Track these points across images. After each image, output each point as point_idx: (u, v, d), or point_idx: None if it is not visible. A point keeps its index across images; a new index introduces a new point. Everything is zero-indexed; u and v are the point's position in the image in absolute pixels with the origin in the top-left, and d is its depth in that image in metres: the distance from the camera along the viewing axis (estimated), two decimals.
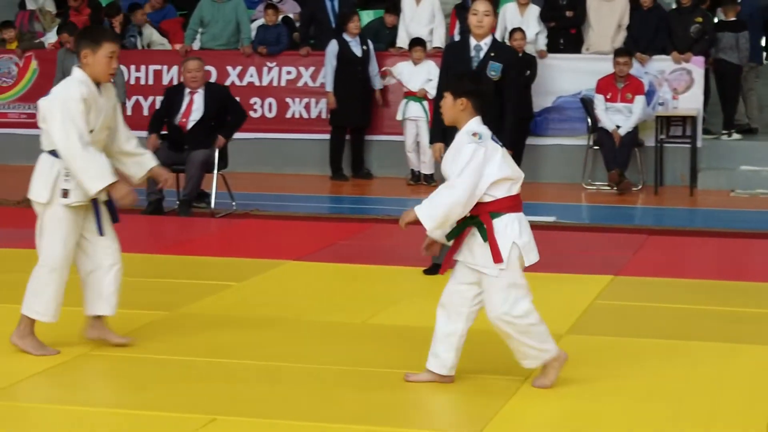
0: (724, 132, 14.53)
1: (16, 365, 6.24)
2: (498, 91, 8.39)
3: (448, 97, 5.78)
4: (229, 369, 6.26)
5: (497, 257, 5.52)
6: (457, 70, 8.47)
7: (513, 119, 8.50)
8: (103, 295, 6.44)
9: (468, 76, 5.97)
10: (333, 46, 14.23)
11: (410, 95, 14.02)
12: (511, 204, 5.61)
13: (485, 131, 5.64)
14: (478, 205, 5.57)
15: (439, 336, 5.76)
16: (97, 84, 6.30)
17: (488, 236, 5.54)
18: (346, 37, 14.22)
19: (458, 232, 5.68)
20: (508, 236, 5.56)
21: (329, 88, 14.36)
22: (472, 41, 8.48)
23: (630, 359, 6.55)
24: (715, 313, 7.83)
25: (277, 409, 5.58)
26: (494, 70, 8.33)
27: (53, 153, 6.33)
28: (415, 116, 14.00)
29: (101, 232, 6.39)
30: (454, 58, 8.60)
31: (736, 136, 14.55)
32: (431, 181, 13.94)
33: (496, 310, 5.60)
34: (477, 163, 5.49)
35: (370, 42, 14.49)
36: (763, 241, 10.56)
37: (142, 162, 6.62)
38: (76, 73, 6.29)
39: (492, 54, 8.39)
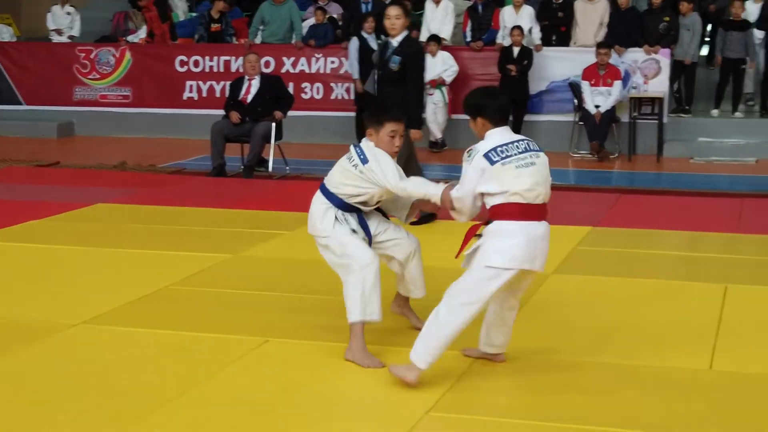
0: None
1: (104, 298, 6.31)
2: (402, 79, 8.43)
3: (472, 122, 4.94)
4: (282, 300, 6.28)
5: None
6: (380, 63, 8.63)
7: (415, 102, 8.43)
8: (414, 281, 5.59)
9: (478, 94, 4.98)
10: (354, 42, 14.14)
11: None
12: (509, 211, 4.72)
13: (488, 143, 4.81)
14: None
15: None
16: None
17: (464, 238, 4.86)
18: (364, 34, 14.10)
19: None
20: (493, 242, 4.74)
21: (355, 75, 14.17)
22: (390, 40, 8.53)
23: (603, 295, 6.54)
24: (674, 257, 7.80)
25: (322, 333, 5.59)
26: (394, 63, 8.42)
27: (327, 193, 5.36)
28: (434, 101, 13.94)
29: (370, 241, 5.35)
30: (379, 53, 8.69)
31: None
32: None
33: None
34: (469, 176, 4.78)
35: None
36: (716, 199, 10.49)
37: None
38: (368, 143, 5.31)
39: (398, 49, 8.41)
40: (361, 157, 5.22)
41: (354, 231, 5.29)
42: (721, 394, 4.77)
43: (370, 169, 5.17)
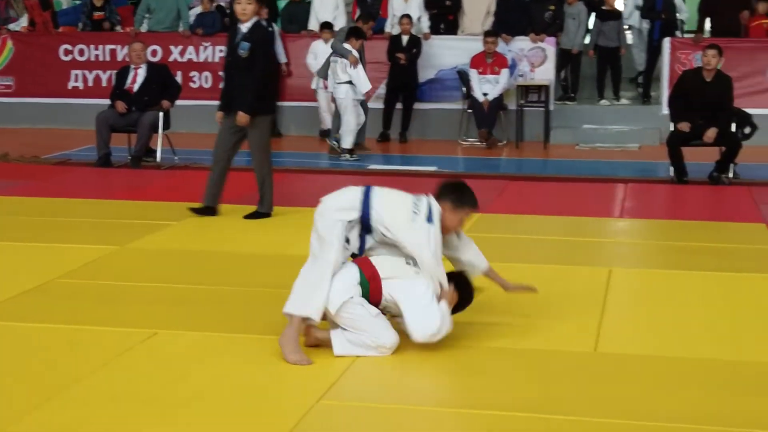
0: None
1: None
2: (251, 66, 8.22)
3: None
4: (170, 292, 6.21)
5: None
6: (229, 48, 8.36)
7: (254, 87, 8.22)
8: None
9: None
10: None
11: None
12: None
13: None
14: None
15: None
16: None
17: None
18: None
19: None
20: None
21: None
22: (240, 25, 8.30)
23: (490, 280, 6.59)
24: (561, 242, 7.92)
25: (212, 324, 5.54)
26: (243, 49, 8.18)
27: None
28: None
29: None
30: (229, 40, 8.42)
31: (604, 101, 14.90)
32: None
33: None
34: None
35: (274, 24, 14.37)
36: (601, 184, 10.69)
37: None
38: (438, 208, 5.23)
39: (247, 35, 8.20)
40: (429, 216, 5.14)
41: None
42: (605, 375, 4.87)
43: (426, 229, 5.09)
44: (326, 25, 14.08)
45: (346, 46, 12.40)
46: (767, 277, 6.71)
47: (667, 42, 14.17)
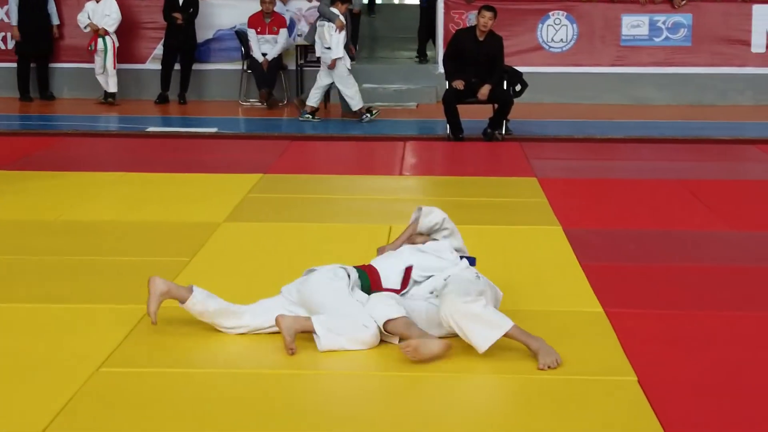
0: None
1: None
2: None
3: None
4: None
5: None
6: None
7: None
8: None
9: None
10: None
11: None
12: None
13: None
14: None
15: None
16: None
17: None
18: None
19: None
20: None
21: (14, 23, 13.74)
22: None
23: (276, 240, 6.60)
24: (343, 200, 7.96)
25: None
26: None
27: None
28: (100, 48, 13.52)
29: None
30: None
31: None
32: (114, 97, 13.61)
33: None
34: None
35: None
36: (380, 143, 10.82)
37: None
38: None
39: None
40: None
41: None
42: None
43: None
44: None
45: (333, 10, 12.10)
46: (540, 228, 6.96)
47: (440, 2, 14.42)
